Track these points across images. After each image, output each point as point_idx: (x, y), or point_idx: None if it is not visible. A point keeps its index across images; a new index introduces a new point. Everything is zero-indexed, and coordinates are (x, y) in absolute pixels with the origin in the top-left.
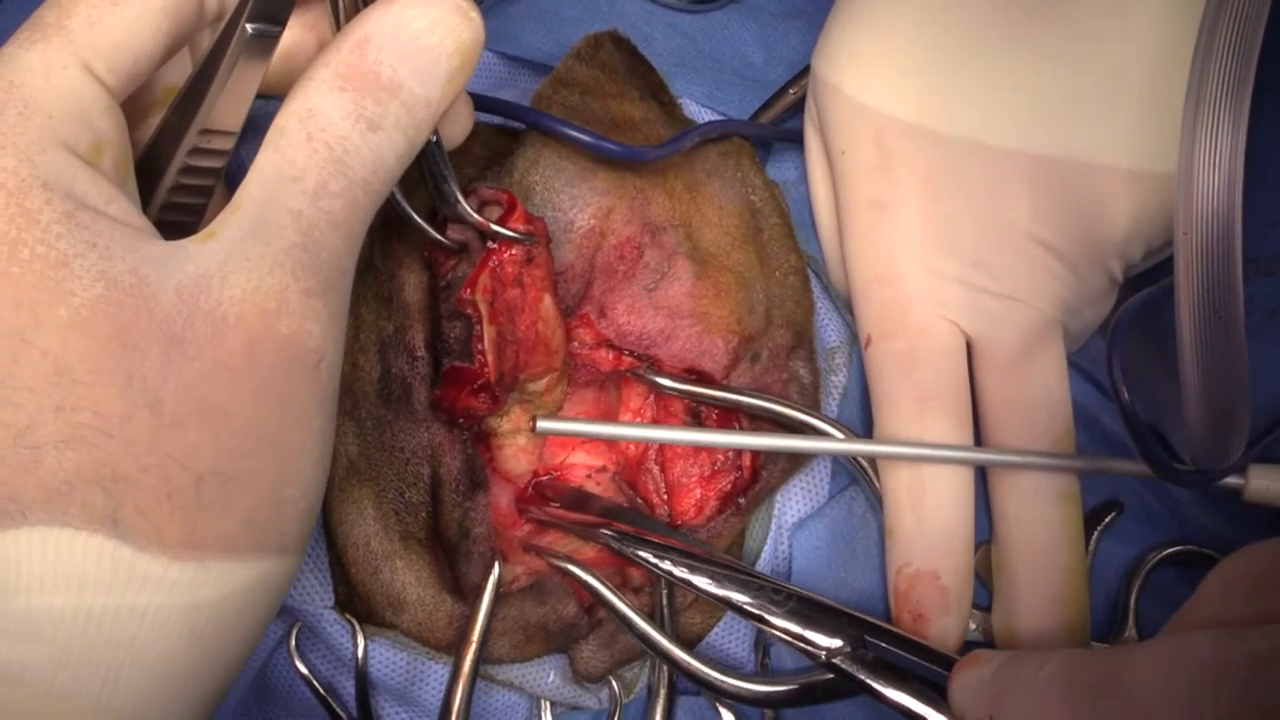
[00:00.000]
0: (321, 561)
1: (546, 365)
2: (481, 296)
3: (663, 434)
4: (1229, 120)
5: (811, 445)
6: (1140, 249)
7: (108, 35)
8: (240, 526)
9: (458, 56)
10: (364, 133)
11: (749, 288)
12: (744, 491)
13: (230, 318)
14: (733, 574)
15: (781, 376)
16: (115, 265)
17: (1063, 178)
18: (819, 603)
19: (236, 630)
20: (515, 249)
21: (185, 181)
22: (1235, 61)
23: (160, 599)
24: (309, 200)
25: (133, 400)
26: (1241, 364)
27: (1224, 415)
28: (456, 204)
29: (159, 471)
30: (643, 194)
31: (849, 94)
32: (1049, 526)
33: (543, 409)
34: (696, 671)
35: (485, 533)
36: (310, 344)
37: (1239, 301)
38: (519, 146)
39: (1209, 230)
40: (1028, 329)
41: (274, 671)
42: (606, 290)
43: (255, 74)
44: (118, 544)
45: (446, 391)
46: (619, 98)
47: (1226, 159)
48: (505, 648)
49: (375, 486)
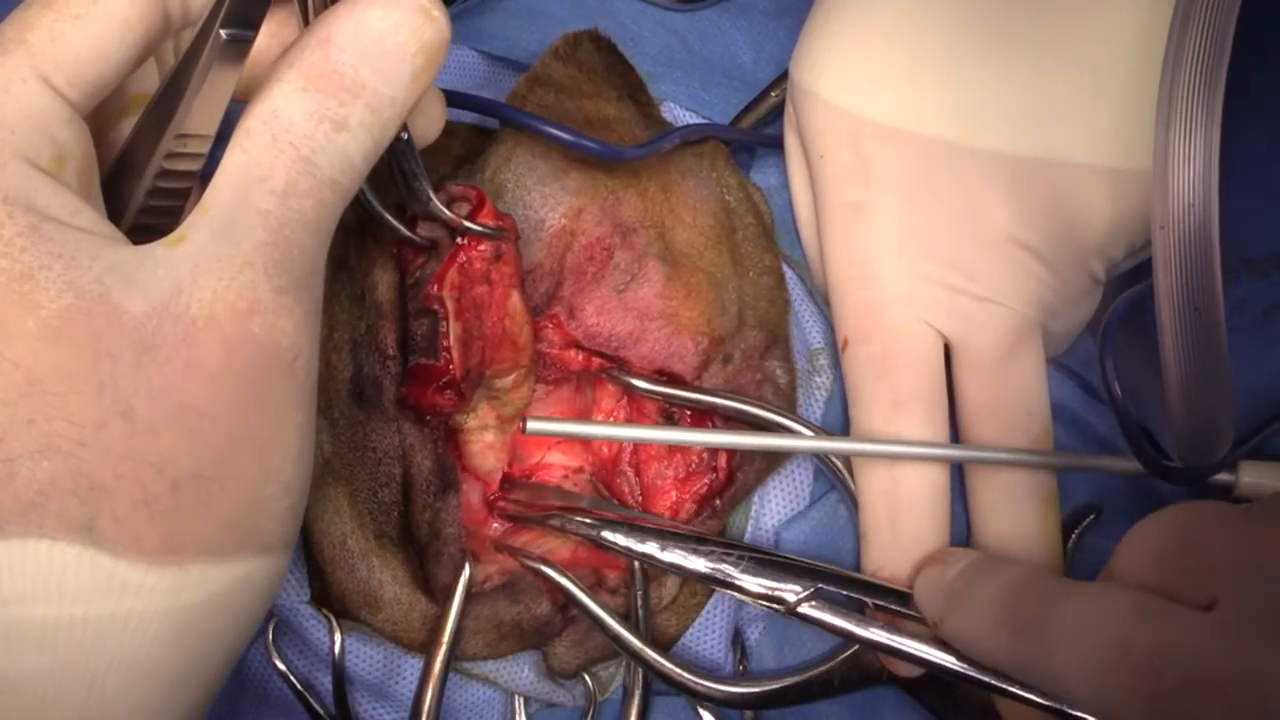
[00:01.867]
0: (297, 558)
1: (513, 362)
2: (448, 293)
3: (650, 434)
4: (1203, 113)
5: (793, 444)
6: (1122, 248)
7: (69, 49)
8: (220, 528)
9: (422, 56)
10: (329, 133)
11: (721, 288)
12: (720, 493)
13: (201, 320)
14: (689, 543)
15: (755, 377)
16: (82, 275)
17: (1041, 178)
18: (775, 557)
19: (223, 631)
20: (484, 245)
21: (162, 185)
22: (1208, 54)
23: (141, 605)
24: (277, 200)
25: (105, 408)
26: (1222, 359)
27: (1207, 410)
28: (428, 201)
29: (134, 478)
30: (614, 195)
31: (824, 98)
32: (1027, 528)
33: (510, 406)
34: (669, 673)
35: (456, 533)
36: (285, 342)
37: (1218, 296)
38: (491, 144)
39: (1186, 225)
40: (1006, 331)
41: (250, 667)
42: (576, 291)
43: (230, 78)
44: (96, 552)
45: (412, 388)
46: (595, 97)
47: (1201, 152)
48: (479, 645)
49: (349, 486)
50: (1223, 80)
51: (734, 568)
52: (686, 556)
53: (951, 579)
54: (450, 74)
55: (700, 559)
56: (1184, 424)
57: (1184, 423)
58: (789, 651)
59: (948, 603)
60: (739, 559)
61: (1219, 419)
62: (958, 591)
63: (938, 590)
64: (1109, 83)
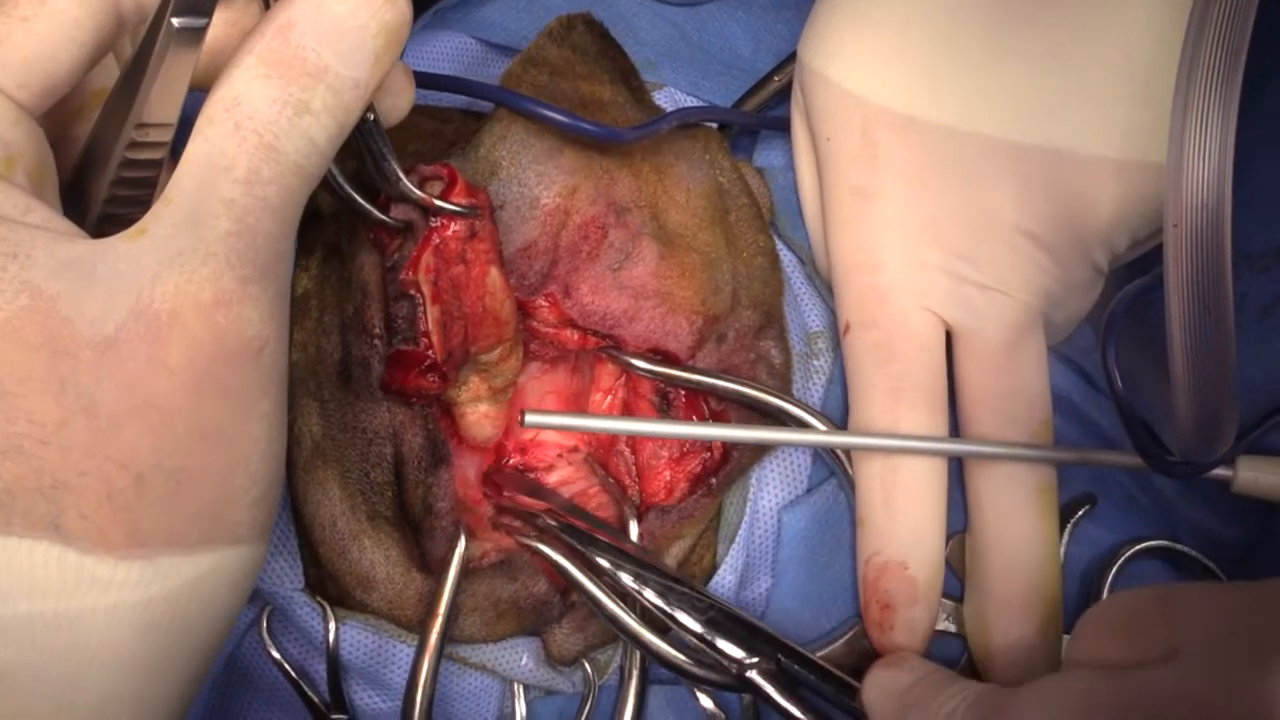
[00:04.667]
0: (291, 544)
1: (497, 337)
2: (424, 276)
3: (646, 426)
4: (1219, 111)
5: (792, 437)
6: (1125, 239)
7: (16, 51)
8: (187, 520)
9: (383, 37)
10: (291, 118)
11: (715, 268)
12: (715, 472)
13: (164, 314)
14: (665, 582)
15: (749, 357)
16: (37, 274)
17: (1047, 168)
18: (741, 618)
19: (198, 622)
20: (458, 224)
21: (127, 175)
22: (1225, 52)
23: (111, 598)
24: (241, 188)
25: (67, 406)
26: (1230, 358)
27: (1212, 408)
28: (398, 182)
29: (98, 474)
30: (609, 174)
31: (836, 81)
32: (1024, 518)
33: (501, 377)
34: (667, 655)
35: (448, 507)
36: (250, 332)
37: (1228, 295)
38: (486, 122)
39: (1199, 223)
40: (1009, 320)
41: (245, 655)
42: (571, 270)
43: (186, 65)
44: (63, 549)
45: (394, 374)
46: (588, 79)
47: (1216, 151)
48: (476, 625)
49: (340, 467)
50: (1239, 80)
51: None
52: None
53: (905, 688)
54: (447, 61)
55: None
56: (1188, 420)
57: (1188, 419)
58: (788, 635)
59: (904, 708)
60: (707, 608)
61: (1223, 416)
62: (912, 703)
63: (891, 698)
64: (1117, 74)
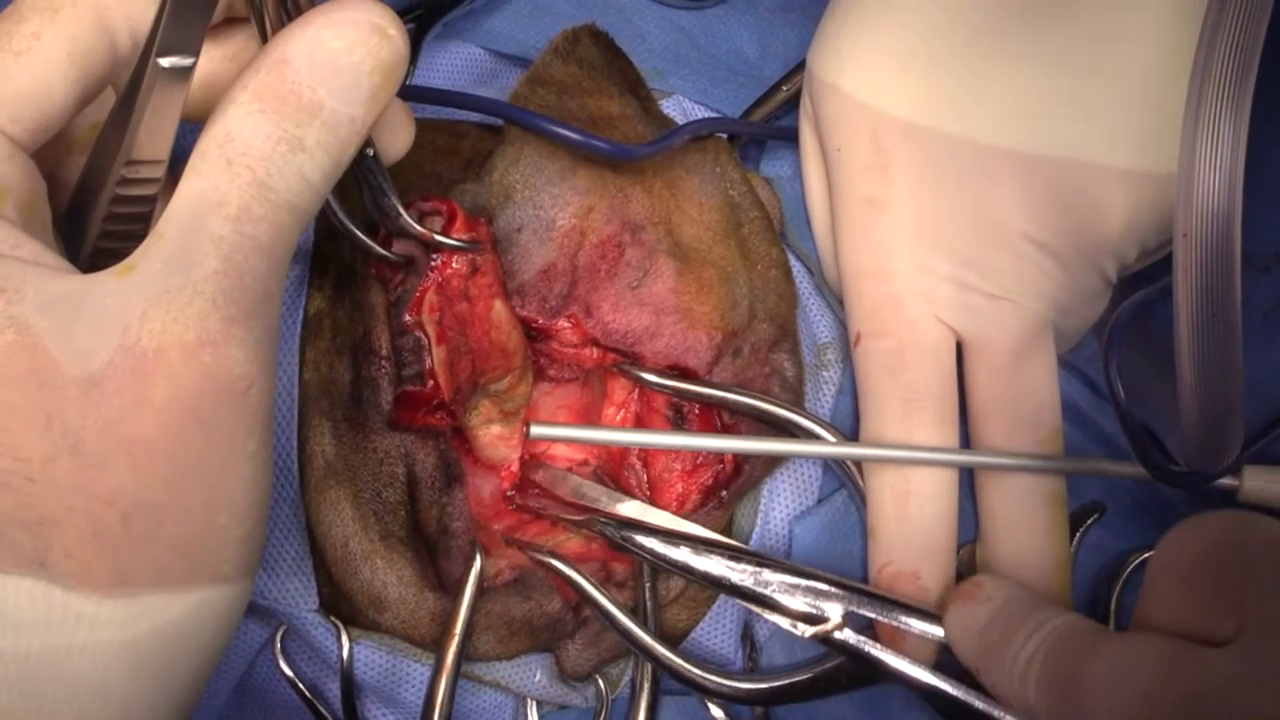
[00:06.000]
0: (305, 564)
1: (505, 367)
2: (428, 316)
3: (650, 438)
4: (1229, 122)
5: (802, 449)
6: (1135, 249)
7: (10, 86)
8: (172, 558)
9: (379, 74)
10: (285, 155)
11: (732, 282)
12: (726, 485)
13: (150, 351)
14: (723, 551)
15: (763, 371)
16: (25, 309)
17: (1058, 177)
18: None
19: (182, 659)
20: (460, 261)
21: (119, 210)
22: (1237, 63)
23: (96, 636)
24: (231, 225)
25: (53, 442)
26: (1237, 367)
27: (1219, 418)
28: (398, 218)
29: (84, 511)
30: (622, 192)
31: (846, 91)
32: (1035, 528)
33: (511, 402)
34: (679, 669)
35: (464, 527)
36: (237, 371)
37: (1237, 305)
38: (499, 146)
39: (1208, 232)
40: (1019, 329)
41: (259, 675)
42: (591, 289)
43: (175, 103)
44: (48, 586)
45: (403, 414)
46: (596, 94)
47: (1227, 161)
48: (490, 643)
49: (352, 487)
50: (1250, 89)
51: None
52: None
53: (984, 625)
54: (458, 72)
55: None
56: (1195, 430)
57: (1195, 429)
58: (799, 647)
59: (983, 657)
60: (772, 572)
61: (1229, 425)
62: (992, 645)
63: (971, 637)
64: (1128, 84)
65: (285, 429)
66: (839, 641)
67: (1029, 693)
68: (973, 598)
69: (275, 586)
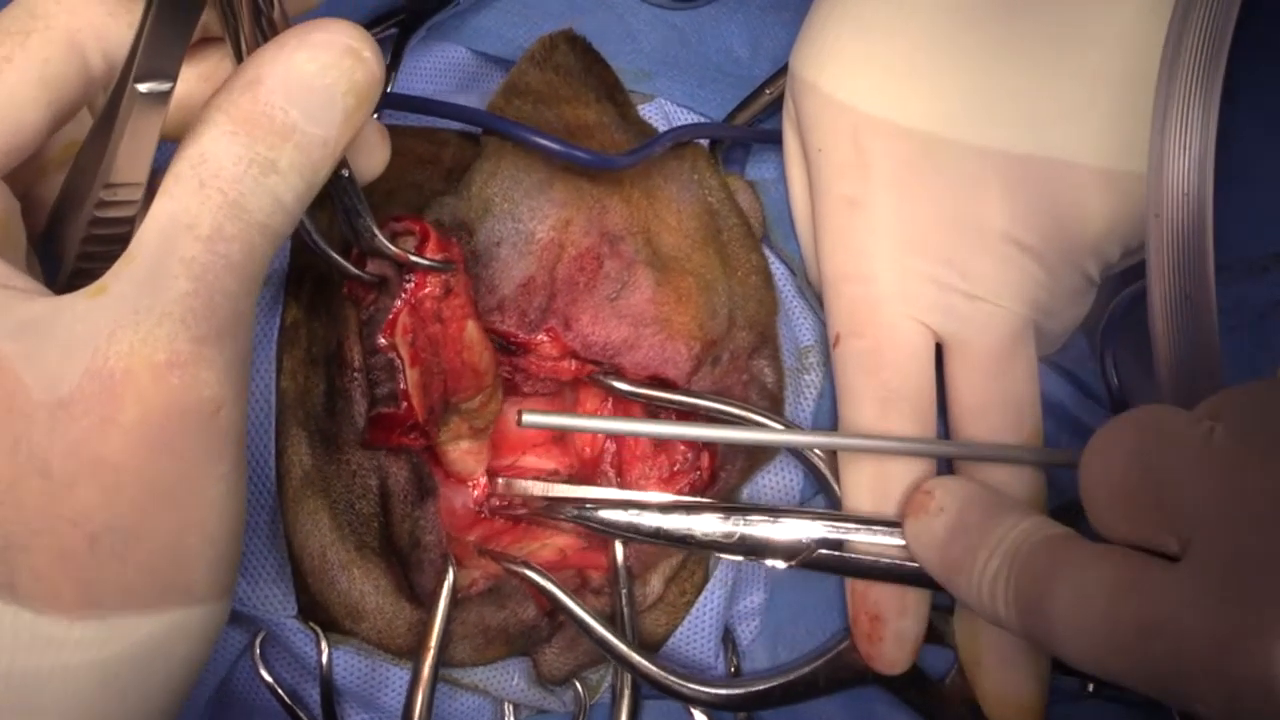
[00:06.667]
0: (284, 571)
1: (476, 387)
2: (402, 338)
3: (644, 427)
4: (1200, 104)
5: (784, 438)
6: (1117, 249)
7: None
8: (142, 580)
9: (353, 96)
10: (258, 176)
11: (711, 291)
12: (702, 493)
13: (118, 373)
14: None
15: (742, 378)
16: None
17: (1039, 177)
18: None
19: (156, 680)
20: (432, 282)
21: (97, 232)
22: (1207, 45)
23: (65, 658)
24: (202, 246)
25: (20, 465)
26: (1213, 345)
27: (1196, 397)
28: (373, 238)
29: (51, 534)
30: (600, 203)
31: (826, 91)
32: None
33: (482, 419)
34: (655, 676)
35: (436, 540)
36: (206, 393)
37: (1210, 284)
38: (476, 159)
39: (1180, 212)
40: (999, 330)
41: (238, 681)
42: (570, 302)
43: (152, 127)
44: (17, 609)
45: (376, 434)
46: (573, 101)
47: (1197, 142)
48: (467, 651)
49: (328, 498)
50: (1221, 70)
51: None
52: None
53: (943, 540)
54: (441, 75)
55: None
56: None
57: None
58: (783, 650)
59: (948, 572)
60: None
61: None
62: (955, 561)
63: (934, 553)
64: (1109, 83)
65: (263, 437)
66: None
67: (999, 608)
68: (925, 508)
69: (254, 593)
